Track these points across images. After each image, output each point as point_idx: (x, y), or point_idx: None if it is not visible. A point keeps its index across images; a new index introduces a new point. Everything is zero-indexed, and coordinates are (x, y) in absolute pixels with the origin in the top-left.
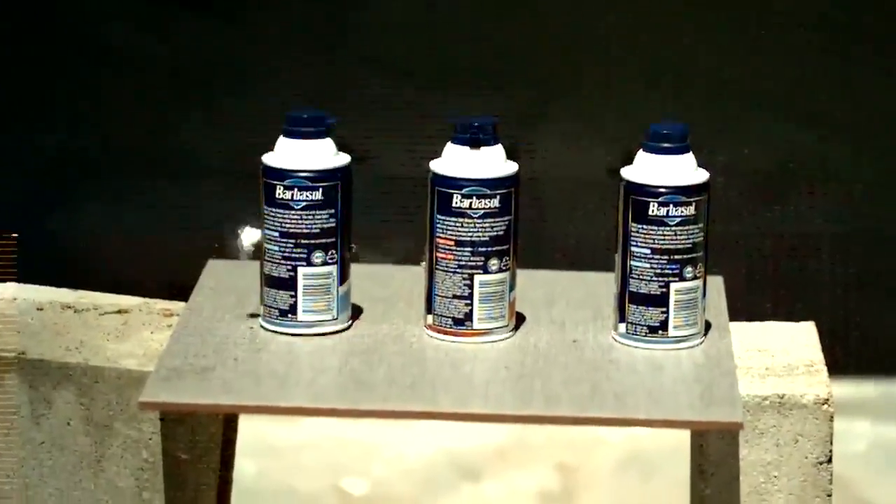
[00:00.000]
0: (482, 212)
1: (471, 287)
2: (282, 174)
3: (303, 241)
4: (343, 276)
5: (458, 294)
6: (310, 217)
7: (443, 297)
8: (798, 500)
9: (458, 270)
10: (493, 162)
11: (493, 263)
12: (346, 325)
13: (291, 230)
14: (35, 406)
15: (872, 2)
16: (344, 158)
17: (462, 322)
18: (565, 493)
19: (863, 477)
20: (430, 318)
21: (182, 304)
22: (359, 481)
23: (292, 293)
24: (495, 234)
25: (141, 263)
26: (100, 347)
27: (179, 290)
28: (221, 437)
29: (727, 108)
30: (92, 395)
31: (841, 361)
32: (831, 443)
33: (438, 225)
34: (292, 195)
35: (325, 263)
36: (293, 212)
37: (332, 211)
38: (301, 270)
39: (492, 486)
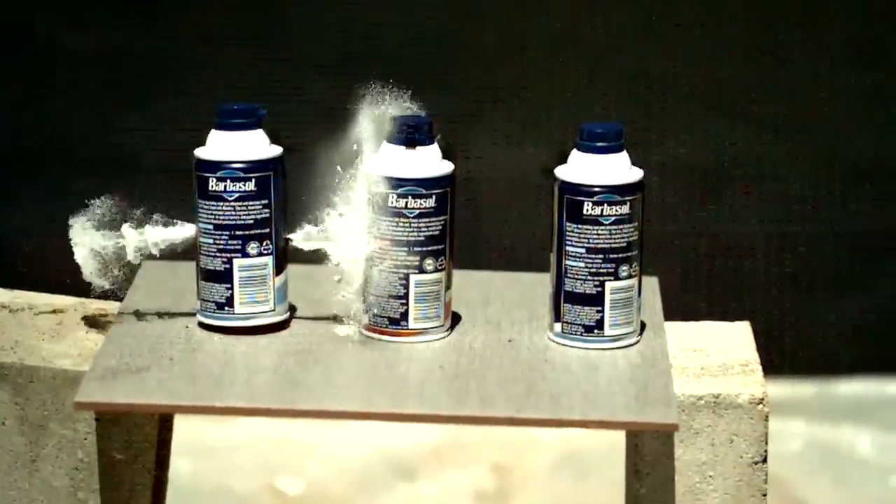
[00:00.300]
0: (418, 211)
1: (406, 287)
2: (214, 166)
3: (237, 233)
4: (279, 268)
5: (394, 294)
6: (243, 208)
7: (378, 296)
8: (733, 500)
9: (393, 270)
10: (428, 162)
11: (429, 263)
12: (283, 316)
13: (225, 222)
14: None
15: (807, 3)
16: (276, 150)
17: (398, 322)
18: (500, 494)
19: (797, 477)
20: (365, 317)
21: (117, 304)
22: (294, 481)
23: (228, 285)
24: (431, 233)
25: (76, 263)
26: (35, 347)
27: (115, 290)
28: (157, 437)
29: (662, 108)
30: (27, 395)
31: (776, 361)
32: (766, 442)
33: (375, 224)
34: (225, 187)
35: (260, 254)
36: (227, 203)
37: (266, 202)
38: (236, 262)
39: (427, 486)
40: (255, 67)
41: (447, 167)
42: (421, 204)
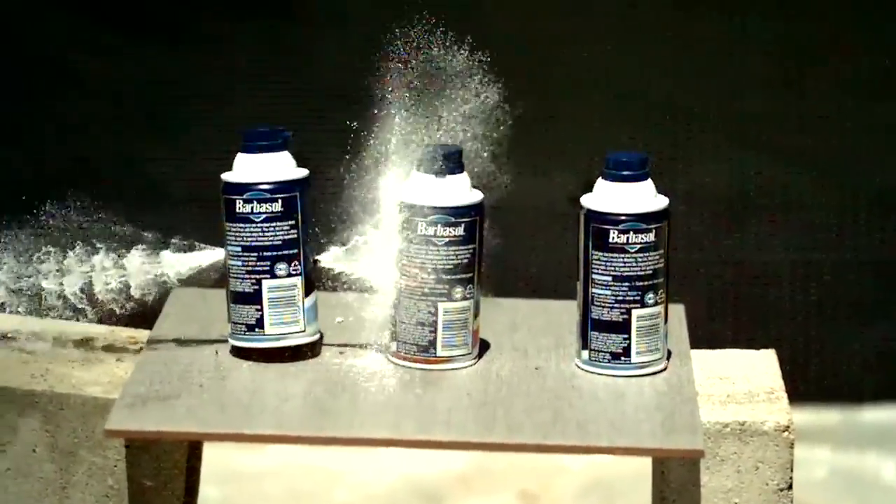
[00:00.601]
0: (447, 240)
1: (435, 314)
2: (241, 188)
3: (265, 254)
4: (308, 288)
5: (422, 321)
6: (271, 229)
7: (407, 324)
8: None
9: (421, 298)
10: (458, 190)
11: (457, 291)
12: (314, 337)
13: (253, 243)
14: (0, 433)
15: (831, 35)
16: (303, 171)
17: (426, 349)
18: None
19: (823, 503)
20: (393, 344)
21: (147, 332)
22: None
23: (258, 307)
24: (459, 262)
25: (104, 290)
26: (65, 375)
27: (144, 318)
28: (186, 464)
29: (688, 138)
30: (57, 423)
31: (801, 389)
32: (792, 469)
33: (404, 252)
34: (252, 208)
35: (289, 275)
36: (254, 225)
37: (293, 222)
38: (265, 283)
39: None
40: (280, 97)
41: (476, 196)
42: (450, 232)
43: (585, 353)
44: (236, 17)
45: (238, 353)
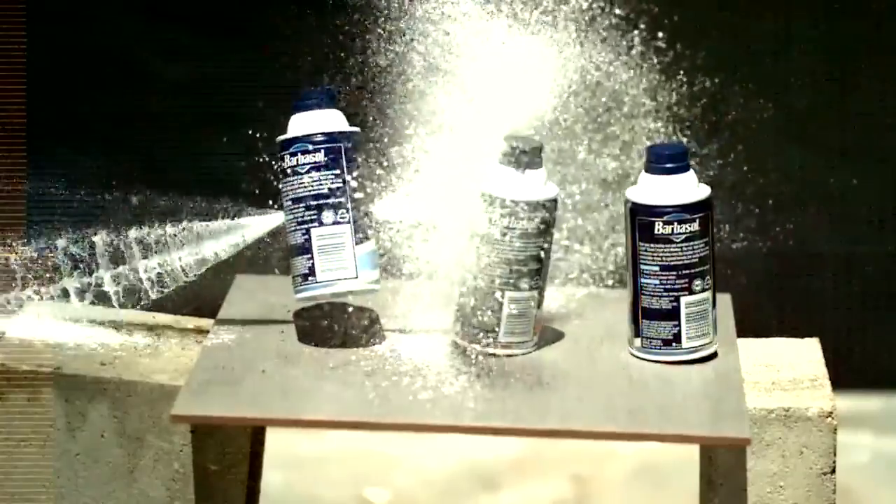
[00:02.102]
0: (518, 232)
1: (500, 303)
2: (289, 143)
3: (312, 203)
4: (359, 237)
5: (488, 308)
6: (316, 179)
7: (472, 310)
8: None
9: (489, 286)
10: (533, 185)
11: (524, 282)
12: (369, 286)
13: (301, 194)
14: (70, 419)
15: (877, 31)
16: (351, 127)
17: (489, 335)
18: None
19: (865, 487)
20: (458, 329)
21: (211, 320)
22: (381, 491)
23: (309, 256)
24: (529, 254)
25: (169, 282)
26: (133, 363)
27: (209, 307)
28: (249, 449)
29: (734, 133)
30: (125, 409)
31: (844, 376)
32: (835, 454)
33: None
34: (297, 160)
35: (336, 223)
36: (301, 176)
37: (338, 171)
38: (314, 232)
39: (509, 496)
40: (344, 94)
41: (550, 191)
42: (522, 226)
43: (638, 341)
44: (299, 12)
45: (303, 337)
